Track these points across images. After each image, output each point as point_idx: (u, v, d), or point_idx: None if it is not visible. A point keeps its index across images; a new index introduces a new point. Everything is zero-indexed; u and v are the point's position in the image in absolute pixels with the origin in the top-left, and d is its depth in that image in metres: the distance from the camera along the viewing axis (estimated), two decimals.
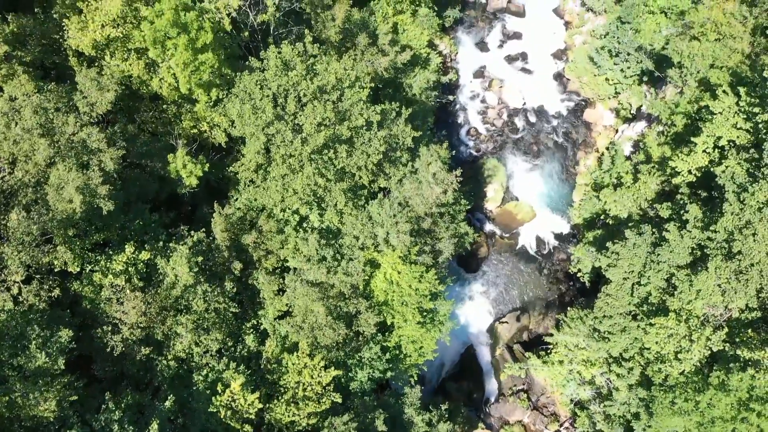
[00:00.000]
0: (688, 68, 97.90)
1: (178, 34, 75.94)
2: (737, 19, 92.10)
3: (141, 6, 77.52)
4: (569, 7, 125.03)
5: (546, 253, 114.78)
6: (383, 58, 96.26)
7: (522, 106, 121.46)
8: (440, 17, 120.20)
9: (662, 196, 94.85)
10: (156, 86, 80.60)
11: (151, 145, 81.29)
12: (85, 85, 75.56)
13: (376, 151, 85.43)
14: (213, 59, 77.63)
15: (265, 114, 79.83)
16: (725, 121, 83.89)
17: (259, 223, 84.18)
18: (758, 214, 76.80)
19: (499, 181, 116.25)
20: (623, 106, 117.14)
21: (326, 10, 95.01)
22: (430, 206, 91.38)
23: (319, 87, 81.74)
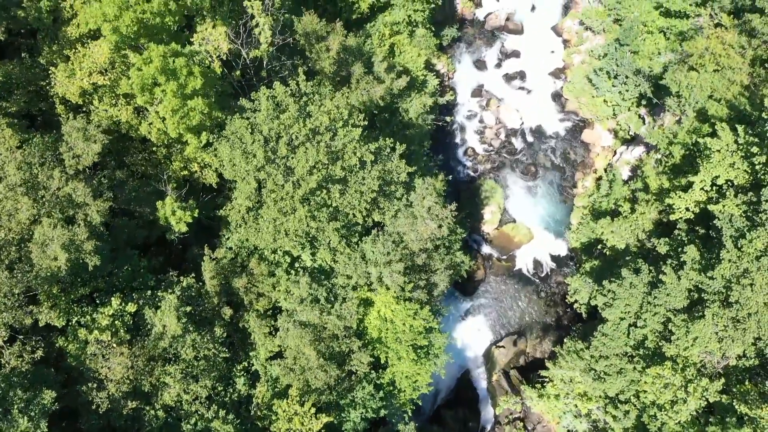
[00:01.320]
0: (686, 98, 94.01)
1: (167, 80, 71.74)
2: (736, 51, 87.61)
3: (129, 53, 73.21)
4: (567, 25, 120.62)
5: (543, 276, 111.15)
6: (379, 87, 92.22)
7: (520, 126, 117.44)
8: (438, 36, 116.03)
9: (660, 226, 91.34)
10: (145, 131, 77.00)
11: (140, 191, 78.07)
12: (71, 136, 71.91)
13: (370, 189, 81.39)
14: (203, 105, 73.79)
15: (256, 159, 76.25)
16: (723, 160, 79.89)
17: (250, 266, 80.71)
18: (756, 263, 73.38)
19: (497, 203, 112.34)
20: (621, 128, 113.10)
21: (321, 41, 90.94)
22: (425, 242, 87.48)
23: (311, 129, 77.42)
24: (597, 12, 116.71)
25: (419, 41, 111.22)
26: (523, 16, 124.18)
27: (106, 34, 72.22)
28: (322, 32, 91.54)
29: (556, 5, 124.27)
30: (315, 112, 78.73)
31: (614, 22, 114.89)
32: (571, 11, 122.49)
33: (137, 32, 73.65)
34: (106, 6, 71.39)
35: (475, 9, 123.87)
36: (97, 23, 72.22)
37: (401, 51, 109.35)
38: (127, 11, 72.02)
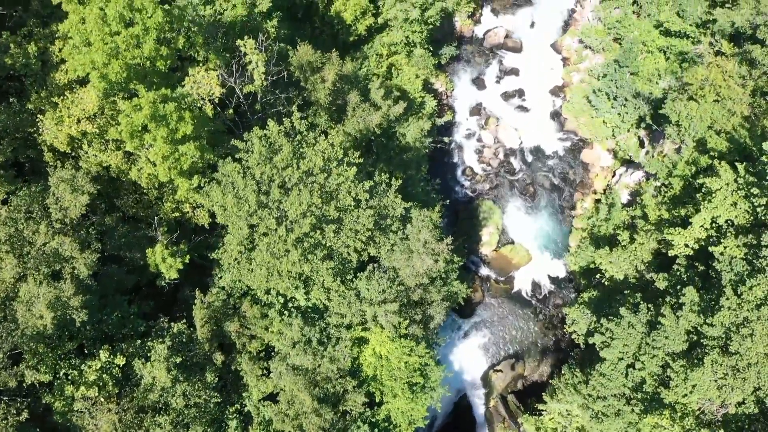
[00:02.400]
0: (686, 128, 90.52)
1: (157, 126, 68.43)
2: (736, 81, 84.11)
3: (119, 99, 69.75)
4: (567, 43, 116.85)
5: (541, 298, 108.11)
6: (375, 114, 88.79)
7: (518, 145, 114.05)
8: (436, 55, 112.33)
9: (659, 256, 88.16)
10: (135, 176, 73.63)
11: (130, 236, 74.81)
12: (58, 187, 68.53)
13: (365, 228, 77.95)
14: (194, 150, 70.40)
15: (248, 204, 72.81)
16: (723, 200, 76.35)
17: (242, 308, 77.30)
18: (756, 312, 70.25)
19: (495, 224, 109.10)
20: (621, 148, 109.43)
21: (316, 72, 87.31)
22: (420, 276, 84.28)
23: (305, 171, 74.11)
24: (596, 30, 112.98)
25: (417, 61, 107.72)
26: (522, 33, 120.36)
27: (94, 82, 68.64)
28: (318, 63, 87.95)
29: (555, 22, 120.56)
30: (309, 153, 74.89)
31: (614, 41, 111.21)
32: (570, 29, 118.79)
33: (127, 78, 69.97)
34: (94, 53, 67.99)
35: (474, 26, 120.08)
36: (85, 70, 68.76)
37: (399, 71, 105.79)
38: (117, 59, 68.30)
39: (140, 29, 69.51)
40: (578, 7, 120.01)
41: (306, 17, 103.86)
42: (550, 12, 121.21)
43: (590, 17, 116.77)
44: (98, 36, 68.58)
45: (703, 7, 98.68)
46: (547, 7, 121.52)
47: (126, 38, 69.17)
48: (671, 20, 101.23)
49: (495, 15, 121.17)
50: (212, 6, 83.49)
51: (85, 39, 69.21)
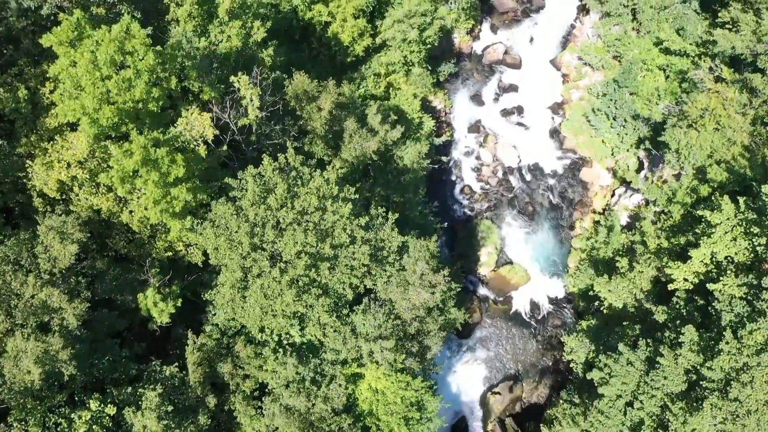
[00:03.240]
0: (685, 156, 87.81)
1: (148, 170, 65.94)
2: (737, 110, 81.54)
3: (109, 144, 67.24)
4: (566, 59, 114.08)
5: (540, 318, 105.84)
6: (372, 140, 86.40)
7: (517, 163, 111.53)
8: (434, 72, 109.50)
9: (659, 284, 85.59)
10: (126, 219, 71.32)
11: (121, 278, 72.15)
12: (47, 236, 66.02)
13: (361, 264, 75.66)
14: (186, 193, 67.99)
15: (241, 247, 70.46)
16: (723, 235, 74.03)
17: (236, 348, 74.98)
18: (756, 358, 67.93)
19: (493, 244, 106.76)
20: (620, 167, 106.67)
21: (312, 101, 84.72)
22: (417, 309, 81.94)
23: (299, 211, 71.68)
24: (596, 48, 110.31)
25: (416, 80, 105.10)
26: (521, 49, 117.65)
27: (84, 127, 66.18)
28: (314, 92, 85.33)
29: (554, 38, 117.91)
30: (303, 193, 72.41)
31: (613, 59, 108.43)
32: (570, 45, 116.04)
33: (118, 121, 67.46)
34: (85, 99, 65.50)
35: (472, 42, 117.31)
36: (75, 116, 66.35)
37: (397, 91, 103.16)
38: (108, 104, 65.84)
39: (132, 73, 66.91)
40: (578, 23, 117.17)
41: (303, 39, 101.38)
42: (550, 28, 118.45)
43: (590, 34, 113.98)
44: (89, 80, 66.02)
45: (704, 27, 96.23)
46: (547, 23, 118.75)
47: (117, 82, 66.66)
48: (671, 39, 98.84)
49: (494, 31, 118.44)
50: (207, 38, 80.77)
51: (76, 83, 66.56)
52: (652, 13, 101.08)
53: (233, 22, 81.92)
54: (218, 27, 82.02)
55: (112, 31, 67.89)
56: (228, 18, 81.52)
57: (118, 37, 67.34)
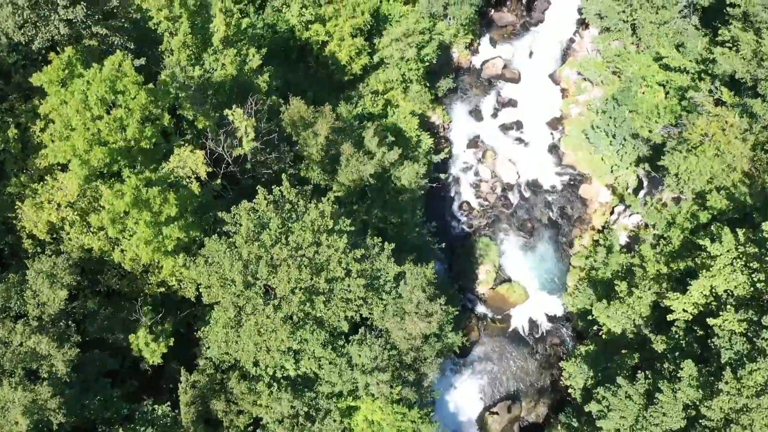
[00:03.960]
0: (685, 181, 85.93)
1: (140, 211, 64.17)
2: (736, 135, 79.72)
3: (100, 184, 65.52)
4: (565, 74, 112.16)
5: (539, 337, 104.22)
6: (369, 164, 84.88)
7: (516, 180, 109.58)
8: (433, 88, 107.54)
9: (657, 310, 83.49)
10: (118, 258, 69.60)
11: (113, 317, 70.39)
12: (36, 281, 64.24)
13: (356, 296, 74.03)
14: (178, 232, 66.18)
15: (234, 285, 68.71)
16: (723, 268, 72.30)
17: (230, 384, 73.37)
18: (755, 400, 66.22)
19: (491, 261, 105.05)
20: (620, 184, 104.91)
21: (308, 127, 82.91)
22: (414, 339, 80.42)
23: (293, 247, 69.99)
24: (595, 63, 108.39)
25: (414, 96, 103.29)
26: (520, 63, 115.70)
27: (75, 169, 64.41)
28: (310, 118, 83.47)
29: (554, 52, 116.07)
30: (297, 229, 70.70)
31: (613, 74, 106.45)
32: (569, 59, 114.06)
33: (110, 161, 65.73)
34: (76, 140, 63.65)
35: (471, 57, 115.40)
36: (66, 158, 64.59)
37: (395, 108, 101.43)
38: (99, 145, 64.04)
39: (123, 112, 65.09)
40: (577, 37, 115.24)
41: (300, 58, 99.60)
42: (549, 42, 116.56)
43: (589, 48, 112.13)
44: (79, 121, 64.24)
45: (703, 44, 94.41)
46: (546, 37, 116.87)
47: (108, 122, 64.90)
48: (671, 55, 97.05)
49: (493, 45, 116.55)
50: (201, 67, 78.91)
51: (66, 123, 64.81)
52: (651, 28, 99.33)
53: (228, 51, 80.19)
54: (213, 55, 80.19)
55: (104, 69, 66.01)
56: (222, 46, 79.50)
57: (109, 76, 65.42)
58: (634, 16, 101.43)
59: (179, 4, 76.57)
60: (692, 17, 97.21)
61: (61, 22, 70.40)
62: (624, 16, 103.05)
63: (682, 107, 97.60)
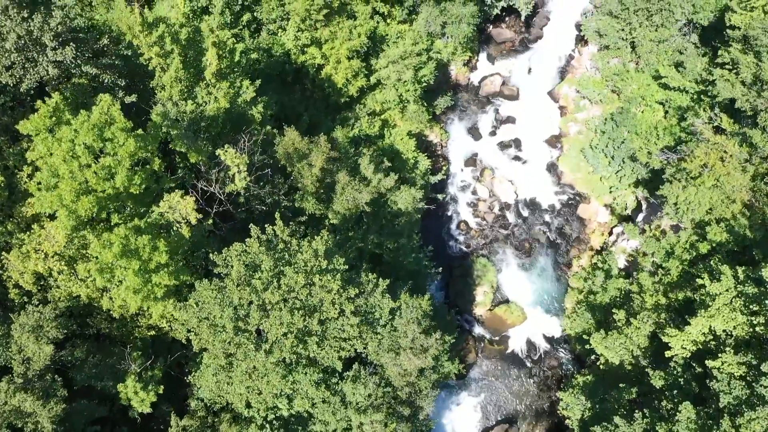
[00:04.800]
0: (684, 211, 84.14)
1: (128, 260, 62.40)
2: (735, 167, 77.97)
3: (88, 233, 63.74)
4: (564, 91, 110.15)
5: (537, 358, 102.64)
6: (365, 191, 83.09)
7: (514, 199, 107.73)
8: (430, 106, 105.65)
9: (655, 341, 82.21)
10: (107, 305, 67.80)
11: (101, 364, 68.69)
12: (21, 336, 62.50)
13: (351, 336, 72.49)
14: (168, 279, 64.45)
15: (225, 332, 67.04)
16: (722, 307, 70.80)
17: (221, 429, 72.04)
18: None
19: (489, 282, 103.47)
20: (618, 204, 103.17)
21: (303, 158, 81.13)
22: (409, 375, 78.79)
23: (286, 290, 68.35)
24: (594, 82, 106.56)
25: (411, 116, 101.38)
26: (519, 80, 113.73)
27: (62, 219, 62.59)
28: (305, 149, 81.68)
29: (552, 69, 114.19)
30: (290, 272, 68.98)
31: (612, 92, 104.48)
32: (568, 76, 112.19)
33: (98, 209, 63.96)
34: (62, 191, 61.79)
35: (470, 73, 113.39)
36: (53, 208, 62.68)
37: (392, 129, 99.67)
38: (86, 195, 62.18)
39: (111, 160, 63.20)
40: (576, 54, 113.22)
41: (296, 80, 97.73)
42: (548, 58, 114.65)
43: (588, 66, 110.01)
44: (66, 170, 62.40)
45: (703, 64, 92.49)
46: (545, 54, 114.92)
47: (97, 171, 63.00)
48: (671, 75, 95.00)
49: (491, 62, 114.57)
50: (194, 101, 77.00)
51: (53, 172, 62.96)
52: (651, 46, 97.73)
53: (221, 84, 78.25)
54: (205, 89, 78.16)
55: (92, 116, 64.07)
56: (215, 80, 77.58)
57: (97, 123, 63.54)
58: (633, 34, 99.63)
59: (171, 40, 74.59)
60: (692, 35, 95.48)
61: (49, 63, 68.41)
62: (623, 34, 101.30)
63: (681, 128, 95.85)
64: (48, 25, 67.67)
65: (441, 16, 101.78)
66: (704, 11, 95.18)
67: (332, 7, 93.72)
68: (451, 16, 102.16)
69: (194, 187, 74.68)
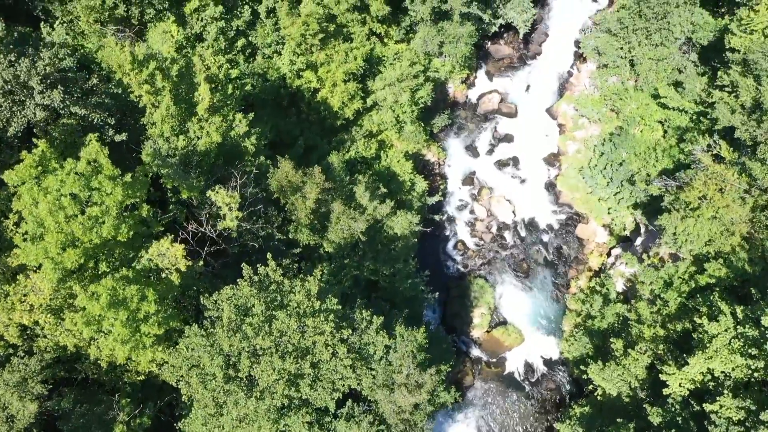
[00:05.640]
0: (682, 242, 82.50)
1: (116, 311, 60.86)
2: (734, 199, 76.19)
3: (74, 284, 62.13)
4: (563, 109, 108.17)
5: (534, 381, 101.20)
6: (360, 219, 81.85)
7: (512, 218, 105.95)
8: (428, 124, 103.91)
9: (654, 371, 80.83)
10: (94, 354, 66.26)
11: (88, 415, 67.18)
12: (5, 395, 61.17)
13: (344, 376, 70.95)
14: (157, 328, 62.88)
15: (215, 380, 65.52)
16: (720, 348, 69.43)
17: None
18: None
19: (487, 304, 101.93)
20: (617, 224, 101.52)
21: (297, 191, 79.50)
22: (404, 411, 77.50)
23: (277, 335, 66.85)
24: (593, 101, 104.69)
25: (408, 136, 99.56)
26: (517, 97, 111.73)
27: (48, 272, 60.88)
28: (298, 182, 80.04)
29: (551, 86, 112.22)
30: (282, 317, 67.42)
31: (611, 111, 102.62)
32: (566, 93, 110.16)
33: (85, 260, 62.33)
34: (48, 243, 60.13)
35: (468, 90, 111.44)
36: (38, 261, 60.98)
37: (388, 150, 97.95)
38: (73, 247, 60.50)
39: (99, 210, 61.51)
40: (575, 71, 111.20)
41: (292, 104, 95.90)
42: (546, 75, 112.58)
43: (587, 83, 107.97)
44: (52, 221, 60.71)
45: (702, 84, 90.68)
46: (543, 70, 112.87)
47: (83, 221, 61.29)
48: (669, 95, 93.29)
49: (489, 78, 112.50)
50: (185, 137, 75.27)
51: (39, 223, 61.27)
52: (650, 64, 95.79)
53: (213, 118, 76.50)
54: (197, 123, 76.37)
55: (79, 164, 62.33)
56: (207, 115, 75.78)
57: (85, 172, 61.83)
58: (633, 53, 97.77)
59: (161, 78, 72.74)
60: (691, 53, 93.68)
61: (37, 107, 66.58)
62: (622, 53, 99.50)
63: (680, 150, 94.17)
64: (35, 69, 65.86)
65: (438, 35, 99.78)
66: (704, 31, 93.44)
67: (328, 31, 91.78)
68: (448, 36, 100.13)
69: (185, 229, 72.95)
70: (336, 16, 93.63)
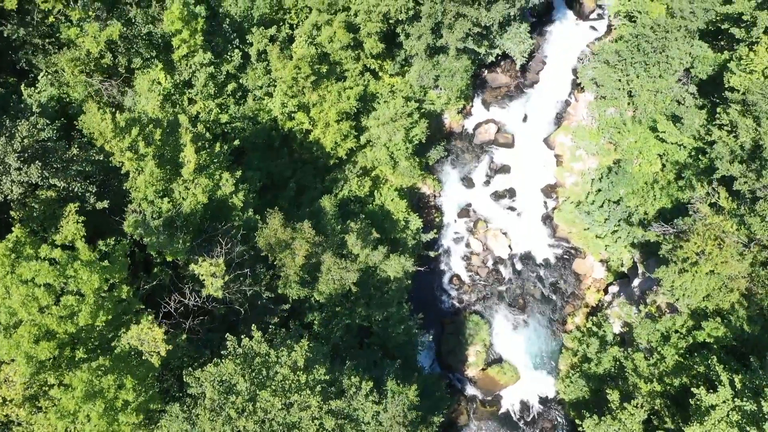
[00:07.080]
0: (680, 295, 79.92)
1: (93, 403, 58.41)
2: (733, 257, 73.62)
3: (49, 377, 59.58)
4: (560, 139, 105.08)
5: (530, 420, 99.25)
6: (352, 269, 79.09)
7: (508, 253, 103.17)
8: (423, 156, 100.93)
9: (650, 426, 78.24)
10: None
11: None
12: None
13: None
14: (135, 417, 60.35)
15: None
16: (718, 423, 66.96)
17: None
18: None
19: (482, 341, 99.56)
20: (614, 260, 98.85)
21: (286, 248, 76.80)
22: None
23: (261, 415, 64.48)
24: (590, 134, 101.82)
25: (403, 171, 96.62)
26: (514, 127, 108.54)
27: (20, 367, 58.28)
28: (287, 239, 77.29)
29: (548, 115, 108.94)
30: (265, 396, 64.89)
31: (609, 143, 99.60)
32: (564, 123, 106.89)
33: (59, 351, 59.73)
34: (20, 337, 57.48)
35: (464, 120, 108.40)
36: (9, 356, 58.29)
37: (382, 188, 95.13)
38: (47, 340, 57.90)
39: (74, 300, 58.80)
40: (572, 100, 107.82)
41: (283, 144, 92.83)
42: (544, 104, 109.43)
43: (584, 114, 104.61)
44: (25, 312, 58.03)
45: (701, 119, 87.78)
46: (540, 99, 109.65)
47: (59, 311, 58.56)
48: (668, 130, 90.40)
49: (486, 108, 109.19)
50: (170, 199, 72.44)
51: (11, 315, 58.61)
52: (648, 96, 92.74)
53: (199, 179, 73.54)
54: (182, 185, 73.52)
55: (54, 251, 59.52)
56: (193, 176, 72.89)
57: (60, 258, 59.05)
58: (631, 85, 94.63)
59: (144, 144, 69.72)
60: (690, 85, 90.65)
61: (14, 183, 63.71)
62: (620, 84, 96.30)
63: (678, 187, 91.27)
64: (11, 146, 62.88)
65: (434, 69, 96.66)
66: (703, 65, 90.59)
67: (320, 73, 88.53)
68: (444, 70, 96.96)
69: (167, 303, 70.32)
70: (329, 54, 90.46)
